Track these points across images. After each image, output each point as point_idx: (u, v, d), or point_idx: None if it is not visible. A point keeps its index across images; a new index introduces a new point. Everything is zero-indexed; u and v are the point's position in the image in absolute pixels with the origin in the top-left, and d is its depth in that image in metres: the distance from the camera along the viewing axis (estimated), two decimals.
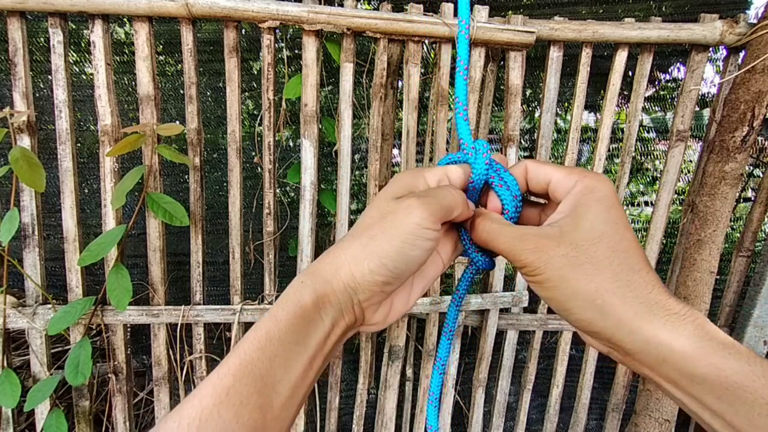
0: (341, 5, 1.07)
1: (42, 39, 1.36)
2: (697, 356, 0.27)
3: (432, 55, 1.42)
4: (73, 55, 1.41)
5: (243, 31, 1.44)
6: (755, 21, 1.08)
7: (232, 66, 1.07)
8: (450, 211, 0.34)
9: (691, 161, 1.84)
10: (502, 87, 1.25)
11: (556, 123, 1.65)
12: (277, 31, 1.12)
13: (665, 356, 0.27)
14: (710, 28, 1.10)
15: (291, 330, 0.30)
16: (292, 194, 1.62)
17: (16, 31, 1.01)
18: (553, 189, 0.34)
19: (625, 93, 1.44)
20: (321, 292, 0.32)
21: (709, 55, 1.17)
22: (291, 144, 1.54)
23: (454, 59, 1.13)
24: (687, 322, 0.28)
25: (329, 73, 1.39)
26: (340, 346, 0.35)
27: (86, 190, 1.47)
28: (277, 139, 1.14)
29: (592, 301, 0.29)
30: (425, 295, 1.27)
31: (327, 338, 0.32)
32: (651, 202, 2.03)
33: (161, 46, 1.43)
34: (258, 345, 0.29)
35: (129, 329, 1.25)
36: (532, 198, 0.40)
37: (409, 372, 1.37)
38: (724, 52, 1.19)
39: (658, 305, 0.28)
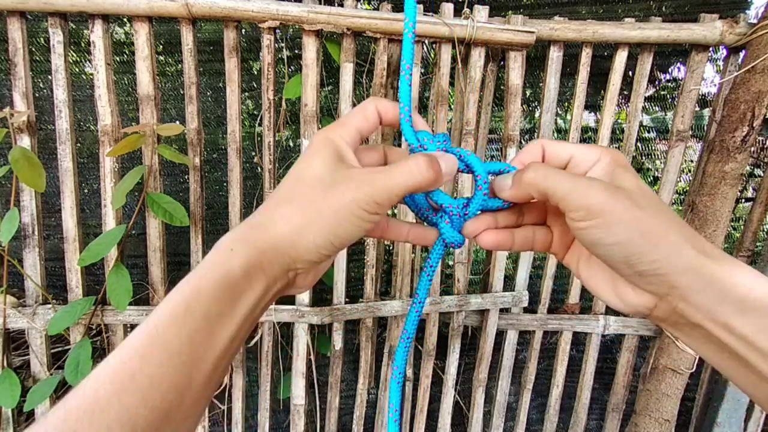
0: (341, 5, 1.07)
1: (42, 39, 1.36)
2: (755, 288, 0.27)
3: (432, 55, 1.42)
4: (73, 55, 1.41)
5: (243, 31, 1.44)
6: (755, 21, 1.08)
7: (232, 66, 1.07)
8: (411, 191, 0.32)
9: (691, 161, 1.84)
10: (502, 87, 1.25)
11: (556, 123, 1.65)
12: (277, 31, 1.12)
13: (726, 293, 0.28)
14: (710, 28, 1.10)
15: (215, 302, 0.27)
16: None
17: (16, 31, 1.01)
18: (576, 163, 0.35)
19: (625, 93, 1.44)
20: (254, 261, 0.29)
21: (709, 55, 1.17)
22: (291, 144, 1.54)
23: (454, 59, 1.13)
24: (734, 261, 0.29)
25: (329, 73, 1.39)
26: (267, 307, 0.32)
27: (86, 190, 1.47)
28: (277, 139, 1.14)
29: (665, 237, 0.29)
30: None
31: (256, 306, 0.30)
32: None
33: (161, 46, 1.43)
34: (173, 319, 0.26)
35: (129, 329, 1.25)
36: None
37: (409, 372, 1.37)
38: (724, 52, 1.18)
39: (710, 246, 0.30)
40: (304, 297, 1.20)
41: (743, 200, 1.77)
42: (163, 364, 0.25)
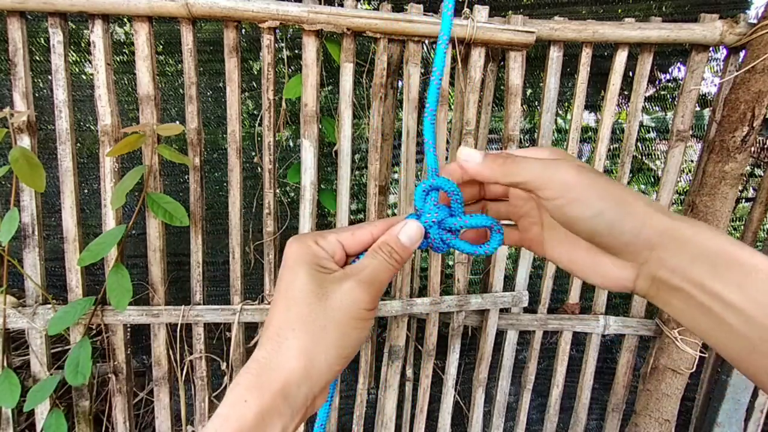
0: (341, 5, 1.07)
1: (42, 39, 1.36)
2: (722, 247, 0.28)
3: (432, 55, 1.42)
4: (73, 55, 1.41)
5: (243, 31, 1.44)
6: (755, 21, 1.08)
7: (232, 66, 1.07)
8: (388, 281, 0.35)
9: (691, 161, 1.84)
10: (502, 87, 1.25)
11: (556, 123, 1.65)
12: (277, 31, 1.12)
13: (698, 253, 0.29)
14: (710, 28, 1.10)
15: None
16: (292, 194, 1.62)
17: (16, 31, 1.01)
18: None
19: (625, 93, 1.44)
20: (268, 407, 0.29)
21: (710, 54, 1.17)
22: (291, 144, 1.54)
23: (454, 59, 1.13)
24: (700, 222, 0.30)
25: (329, 73, 1.39)
26: None
27: (86, 190, 1.47)
28: (277, 139, 1.14)
29: (635, 203, 0.30)
30: (426, 295, 1.27)
31: None
32: None
33: (161, 46, 1.43)
34: None
35: (129, 329, 1.25)
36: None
37: (409, 372, 1.37)
38: (724, 52, 1.18)
39: (670, 211, 0.31)
40: None
41: (743, 200, 1.77)
42: None
